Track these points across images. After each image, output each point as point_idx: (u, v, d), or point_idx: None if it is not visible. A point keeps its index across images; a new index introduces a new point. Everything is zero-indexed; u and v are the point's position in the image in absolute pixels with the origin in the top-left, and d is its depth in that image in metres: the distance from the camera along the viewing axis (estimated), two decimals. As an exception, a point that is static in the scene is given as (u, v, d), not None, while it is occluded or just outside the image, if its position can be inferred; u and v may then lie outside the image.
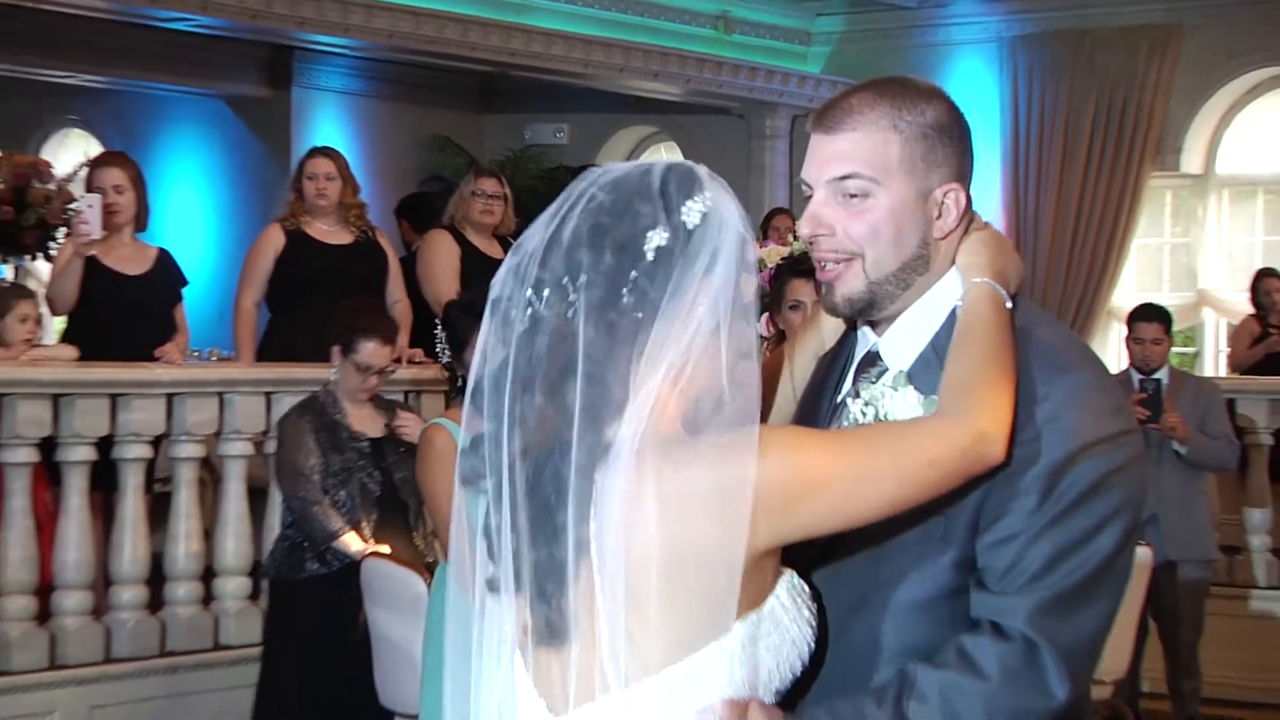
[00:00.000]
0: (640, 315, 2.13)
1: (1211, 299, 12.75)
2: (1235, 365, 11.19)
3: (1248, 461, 8.65)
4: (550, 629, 2.17)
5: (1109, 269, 12.78)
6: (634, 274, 2.14)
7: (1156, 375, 7.61)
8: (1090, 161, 12.76)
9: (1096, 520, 2.24)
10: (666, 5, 12.95)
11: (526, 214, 8.83)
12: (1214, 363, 12.66)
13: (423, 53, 11.84)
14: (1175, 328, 7.93)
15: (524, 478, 2.16)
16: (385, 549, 5.87)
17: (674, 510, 2.10)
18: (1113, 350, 12.78)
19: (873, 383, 2.40)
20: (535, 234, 2.21)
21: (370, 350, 6.01)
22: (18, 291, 7.09)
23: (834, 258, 2.37)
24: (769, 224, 9.72)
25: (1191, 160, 12.80)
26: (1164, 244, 13.16)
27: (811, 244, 2.39)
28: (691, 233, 2.15)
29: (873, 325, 2.44)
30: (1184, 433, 7.48)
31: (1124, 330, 8.02)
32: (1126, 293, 12.63)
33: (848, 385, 2.47)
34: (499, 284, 2.23)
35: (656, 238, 2.15)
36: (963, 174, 2.40)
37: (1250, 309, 11.25)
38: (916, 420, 2.32)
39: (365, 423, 6.12)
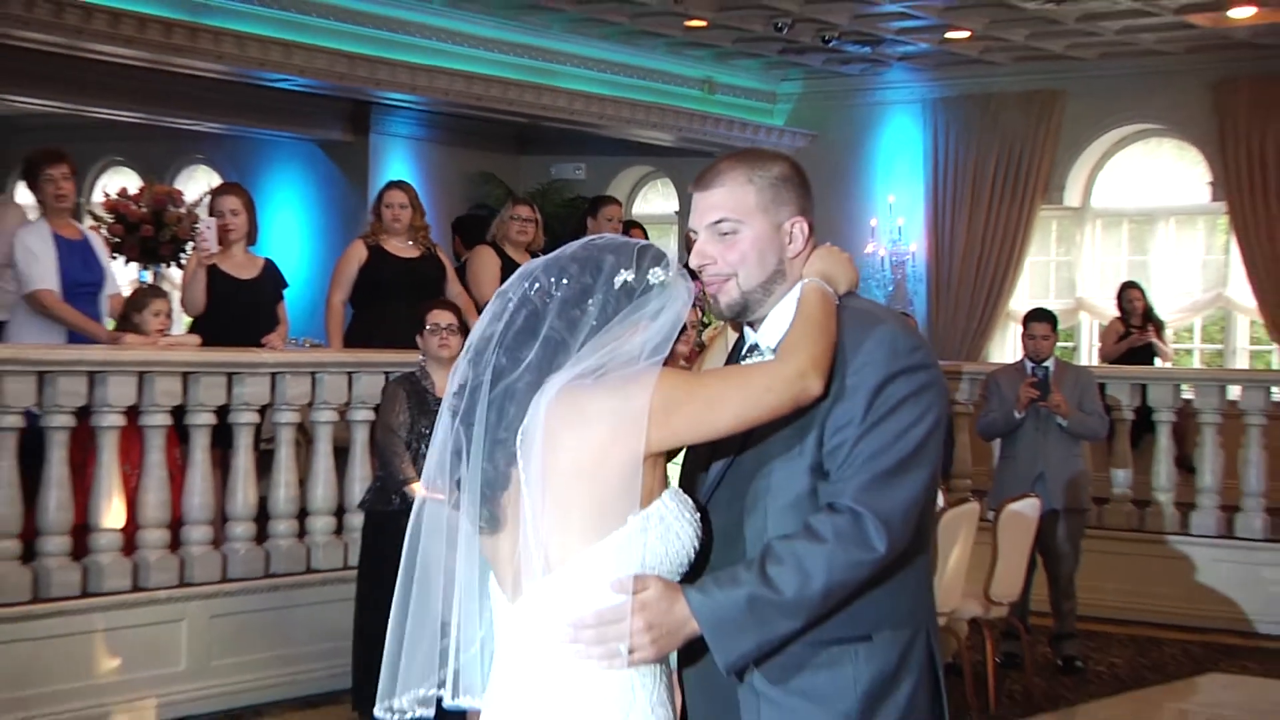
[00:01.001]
0: (594, 324, 2.34)
1: (1087, 305, 12.74)
2: (1104, 357, 11.20)
3: (1114, 432, 8.67)
4: (491, 520, 2.36)
5: (1007, 280, 12.77)
6: (599, 293, 2.35)
7: (1045, 364, 7.60)
8: (993, 196, 12.75)
9: (904, 425, 2.42)
10: (664, 71, 12.95)
11: (552, 234, 8.91)
12: (1088, 355, 12.64)
13: (472, 106, 11.83)
14: (1059, 327, 7.92)
15: (484, 410, 2.35)
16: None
17: (579, 424, 2.28)
18: (1010, 344, 12.80)
19: (751, 360, 2.58)
20: (542, 258, 2.42)
21: (434, 313, 6.03)
22: (153, 291, 7.09)
23: (717, 279, 2.54)
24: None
25: (1072, 196, 12.79)
26: (1050, 261, 13.14)
27: (700, 271, 2.56)
28: (650, 288, 2.37)
29: (752, 325, 2.60)
30: (1066, 410, 7.48)
31: (1019, 329, 8.01)
32: (1021, 299, 12.60)
33: None
34: (508, 284, 2.43)
35: (624, 277, 2.36)
36: (805, 210, 2.56)
37: (1116, 313, 11.28)
38: (758, 364, 2.50)
39: None
